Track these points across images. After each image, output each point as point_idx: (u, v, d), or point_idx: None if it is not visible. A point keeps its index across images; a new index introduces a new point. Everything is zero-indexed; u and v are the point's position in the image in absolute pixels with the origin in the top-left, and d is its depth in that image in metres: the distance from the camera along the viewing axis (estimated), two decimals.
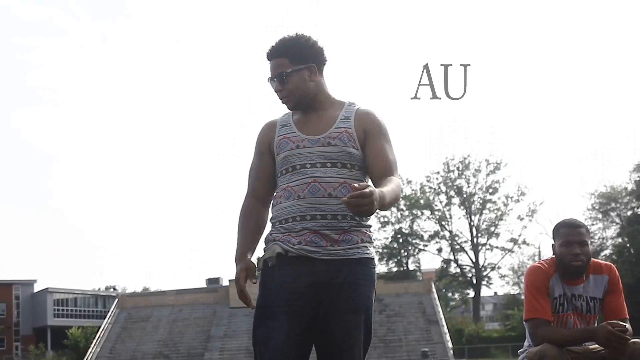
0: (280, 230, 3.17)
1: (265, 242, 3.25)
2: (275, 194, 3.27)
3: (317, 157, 3.15)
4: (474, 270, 66.53)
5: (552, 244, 4.08)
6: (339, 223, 3.12)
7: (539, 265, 4.10)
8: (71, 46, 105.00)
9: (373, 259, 3.22)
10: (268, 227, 3.29)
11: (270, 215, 3.28)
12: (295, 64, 3.24)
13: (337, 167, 3.15)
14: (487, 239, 66.43)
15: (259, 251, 3.30)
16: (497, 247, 66.42)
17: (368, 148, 3.22)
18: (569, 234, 4.00)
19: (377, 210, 2.90)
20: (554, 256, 4.11)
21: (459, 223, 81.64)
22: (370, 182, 3.19)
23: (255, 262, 3.24)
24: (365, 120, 3.24)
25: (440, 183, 67.47)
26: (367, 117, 3.25)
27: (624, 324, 3.84)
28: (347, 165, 3.17)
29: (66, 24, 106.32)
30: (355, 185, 2.77)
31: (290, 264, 3.11)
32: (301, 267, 3.10)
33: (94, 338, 51.93)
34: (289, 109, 3.31)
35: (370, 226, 3.25)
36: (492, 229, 66.06)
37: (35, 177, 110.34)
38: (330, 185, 3.12)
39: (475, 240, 66.20)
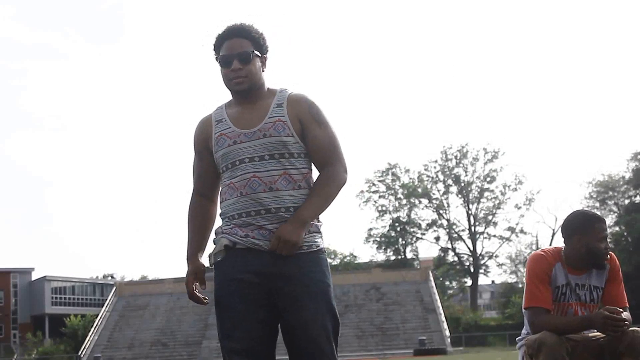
0: (228, 224, 3.18)
1: (215, 234, 3.26)
2: (220, 189, 3.27)
3: (254, 151, 3.14)
4: (471, 258, 66.69)
5: (576, 237, 3.98)
6: (283, 215, 3.11)
7: (542, 253, 4.08)
8: (68, 70, 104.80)
9: (322, 248, 3.21)
10: (219, 221, 3.30)
11: (219, 210, 3.29)
12: (256, 49, 3.22)
13: (275, 158, 3.14)
14: (485, 228, 66.57)
15: (210, 246, 3.33)
16: (494, 236, 66.65)
17: (306, 138, 3.20)
18: (604, 229, 4.00)
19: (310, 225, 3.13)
20: (560, 246, 4.10)
21: (457, 212, 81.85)
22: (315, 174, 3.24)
23: (207, 259, 3.28)
24: (297, 107, 3.20)
25: (438, 172, 67.58)
26: (299, 104, 3.21)
27: (621, 310, 3.84)
28: (285, 155, 3.15)
29: (63, 47, 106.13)
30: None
31: (238, 255, 3.13)
32: (249, 258, 3.12)
33: (92, 326, 52.00)
34: (239, 90, 3.21)
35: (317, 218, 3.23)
36: (490, 217, 66.22)
37: (35, 169, 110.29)
38: (271, 178, 3.12)
39: (472, 228, 66.32)
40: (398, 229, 68.14)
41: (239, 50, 3.17)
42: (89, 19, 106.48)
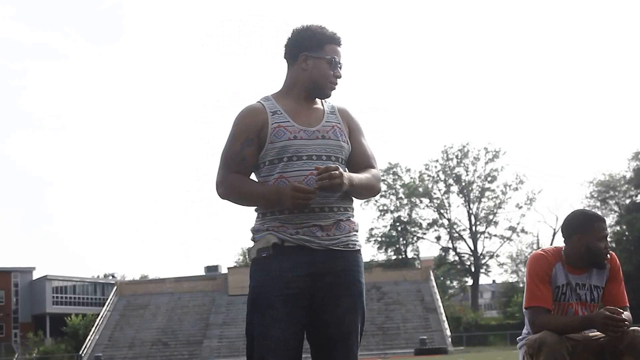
0: (274, 220, 3.13)
1: (254, 231, 3.20)
2: (261, 180, 3.20)
3: (313, 150, 3.16)
4: (472, 258, 66.65)
5: (576, 236, 3.98)
6: (335, 215, 3.15)
7: (542, 252, 4.08)
8: (68, 70, 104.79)
9: (360, 249, 3.29)
10: (252, 216, 3.23)
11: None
12: None
13: (331, 160, 3.18)
14: (486, 227, 66.53)
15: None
16: (495, 235, 66.60)
17: (351, 145, 3.30)
18: (604, 229, 4.01)
19: (348, 190, 3.11)
20: (560, 246, 4.10)
21: (458, 211, 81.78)
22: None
23: (247, 252, 3.23)
24: (346, 117, 3.33)
25: (439, 171, 67.54)
26: (346, 113, 3.34)
27: (622, 310, 3.84)
28: (340, 159, 3.21)
29: (63, 47, 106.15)
30: (318, 166, 3.02)
31: (286, 254, 3.10)
32: (299, 257, 3.10)
33: (93, 325, 52.01)
34: (328, 94, 3.28)
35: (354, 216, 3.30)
36: (491, 217, 66.19)
37: (36, 170, 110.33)
38: None
39: (473, 228, 66.29)
40: (399, 228, 68.12)
41: (341, 60, 3.28)
42: (89, 19, 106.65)
